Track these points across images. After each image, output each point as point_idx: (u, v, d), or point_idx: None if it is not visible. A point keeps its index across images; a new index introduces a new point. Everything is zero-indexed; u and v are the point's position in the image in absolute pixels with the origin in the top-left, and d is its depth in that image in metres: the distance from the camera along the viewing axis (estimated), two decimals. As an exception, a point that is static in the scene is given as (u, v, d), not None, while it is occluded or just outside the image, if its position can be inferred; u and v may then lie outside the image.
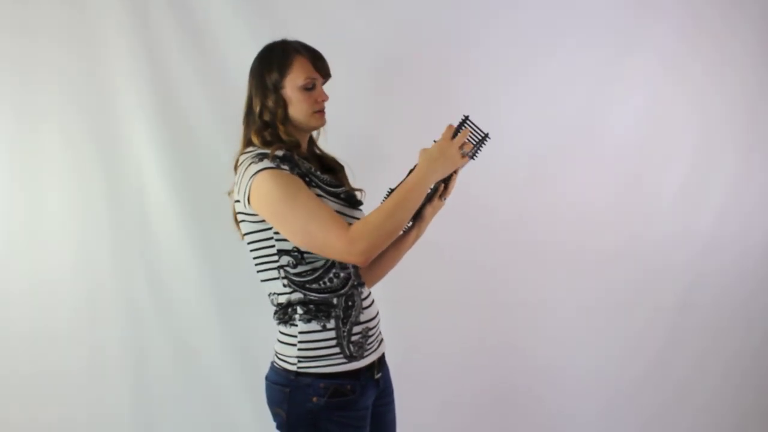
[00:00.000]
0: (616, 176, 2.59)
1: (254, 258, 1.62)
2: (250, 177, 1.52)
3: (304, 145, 1.69)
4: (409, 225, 1.76)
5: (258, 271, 1.63)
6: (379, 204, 1.56)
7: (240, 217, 1.61)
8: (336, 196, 1.61)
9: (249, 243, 1.62)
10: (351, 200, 1.65)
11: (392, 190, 1.61)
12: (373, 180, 1.84)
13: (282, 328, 1.61)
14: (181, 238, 2.29)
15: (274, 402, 1.61)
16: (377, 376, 1.66)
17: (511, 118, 2.41)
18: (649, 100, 2.58)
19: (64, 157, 2.24)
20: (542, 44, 2.46)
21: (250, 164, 1.54)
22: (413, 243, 1.80)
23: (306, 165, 1.61)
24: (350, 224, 1.52)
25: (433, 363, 2.51)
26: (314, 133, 1.74)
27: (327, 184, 1.61)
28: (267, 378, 1.65)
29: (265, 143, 1.59)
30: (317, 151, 1.76)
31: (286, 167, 1.53)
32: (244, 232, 1.62)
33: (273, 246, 1.57)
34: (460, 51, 2.43)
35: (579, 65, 2.50)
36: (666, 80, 2.59)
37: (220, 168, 1.83)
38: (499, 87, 2.45)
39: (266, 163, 1.52)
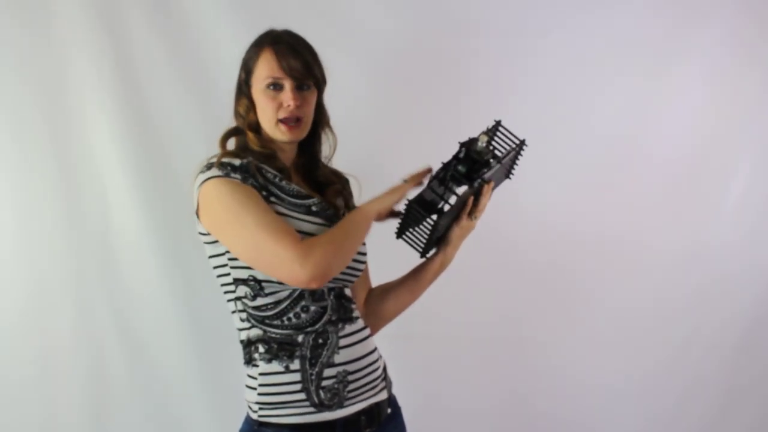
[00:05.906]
0: (665, 196, 2.40)
1: (220, 286, 1.48)
2: (197, 189, 1.40)
3: (289, 155, 1.52)
4: (432, 252, 1.57)
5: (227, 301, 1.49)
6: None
7: (200, 238, 1.47)
8: (306, 208, 1.44)
9: (213, 269, 1.47)
10: (325, 213, 1.47)
11: (408, 201, 1.43)
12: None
13: (246, 369, 1.47)
14: (149, 257, 2.10)
15: None
16: (368, 431, 1.48)
17: (546, 127, 2.23)
18: (703, 104, 2.39)
19: (17, 158, 2.04)
20: (582, 43, 2.30)
21: (197, 174, 1.42)
22: (438, 273, 1.60)
23: (270, 174, 1.44)
24: None
25: (454, 405, 2.34)
26: (325, 147, 1.57)
27: (293, 195, 1.45)
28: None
29: (228, 153, 1.45)
30: (320, 165, 1.58)
31: (237, 176, 1.38)
32: (207, 255, 1.48)
33: (228, 274, 1.43)
34: (480, 46, 2.27)
35: (624, 65, 2.33)
36: (722, 82, 2.39)
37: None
38: (528, 94, 2.29)
39: (213, 171, 1.39)
